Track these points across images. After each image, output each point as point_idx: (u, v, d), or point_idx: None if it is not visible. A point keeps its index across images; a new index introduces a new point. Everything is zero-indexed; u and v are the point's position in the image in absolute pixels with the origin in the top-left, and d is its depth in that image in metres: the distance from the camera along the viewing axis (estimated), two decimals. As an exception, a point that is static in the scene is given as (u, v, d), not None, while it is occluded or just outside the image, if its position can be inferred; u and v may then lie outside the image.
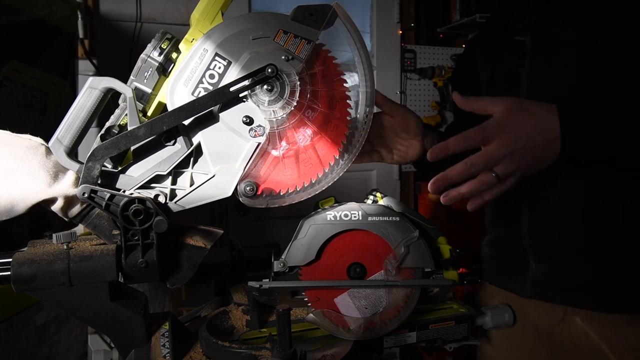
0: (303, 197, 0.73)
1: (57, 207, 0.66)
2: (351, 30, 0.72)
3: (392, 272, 0.73)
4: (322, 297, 0.74)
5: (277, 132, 0.71)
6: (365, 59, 0.73)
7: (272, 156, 0.72)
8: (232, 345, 0.71)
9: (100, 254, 0.64)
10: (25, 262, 0.62)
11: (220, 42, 0.67)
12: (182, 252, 0.70)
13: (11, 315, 1.55)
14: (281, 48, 0.68)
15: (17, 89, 1.62)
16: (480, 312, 0.89)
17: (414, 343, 0.79)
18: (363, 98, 0.75)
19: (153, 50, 0.69)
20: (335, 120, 0.73)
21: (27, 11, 1.70)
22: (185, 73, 0.67)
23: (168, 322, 0.72)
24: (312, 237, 0.72)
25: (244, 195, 0.70)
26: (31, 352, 1.67)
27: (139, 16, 2.46)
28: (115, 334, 0.68)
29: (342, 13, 0.70)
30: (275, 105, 0.69)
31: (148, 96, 0.71)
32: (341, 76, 0.73)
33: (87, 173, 0.64)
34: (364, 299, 0.75)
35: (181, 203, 0.69)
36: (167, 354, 0.69)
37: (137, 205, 0.63)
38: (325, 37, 0.71)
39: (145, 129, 0.65)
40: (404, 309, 0.75)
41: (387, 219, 0.74)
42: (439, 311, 0.83)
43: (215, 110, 0.68)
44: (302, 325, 0.78)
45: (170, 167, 0.68)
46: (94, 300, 0.65)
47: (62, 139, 0.66)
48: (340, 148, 0.73)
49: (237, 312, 0.81)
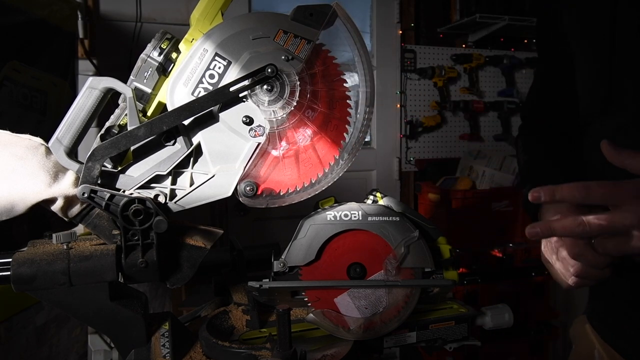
0: (303, 197, 0.73)
1: (57, 207, 0.66)
2: (351, 30, 0.72)
3: (392, 272, 0.73)
4: (322, 297, 0.74)
5: (277, 132, 0.71)
6: (365, 59, 0.73)
7: (272, 156, 0.72)
8: (232, 345, 0.71)
9: (100, 254, 0.64)
10: (25, 262, 0.62)
11: (220, 42, 0.67)
12: (182, 252, 0.70)
13: (11, 315, 1.55)
14: (281, 48, 0.68)
15: (17, 89, 1.62)
16: (480, 312, 0.89)
17: (414, 343, 0.79)
18: (363, 98, 0.75)
19: (153, 50, 0.69)
20: (335, 120, 0.73)
21: (27, 11, 1.70)
22: (185, 73, 0.67)
23: (168, 322, 0.72)
24: (312, 237, 0.72)
25: (244, 195, 0.70)
26: (31, 352, 1.67)
27: (139, 16, 2.46)
28: (115, 334, 0.68)
29: (342, 13, 0.70)
30: (275, 105, 0.69)
31: (148, 96, 0.71)
32: (341, 76, 0.73)
33: (87, 173, 0.64)
34: (364, 299, 0.75)
35: (181, 203, 0.69)
36: (167, 354, 0.69)
37: (137, 205, 0.63)
38: (325, 37, 0.71)
39: (145, 129, 0.65)
40: (404, 309, 0.75)
41: (387, 219, 0.74)
42: (439, 311, 0.83)
43: (215, 110, 0.68)
44: (302, 325, 0.78)
45: (170, 167, 0.68)
46: (94, 300, 0.65)
47: (62, 139, 0.66)
48: (340, 148, 0.73)
49: (237, 312, 0.81)
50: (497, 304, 0.90)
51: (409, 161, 3.08)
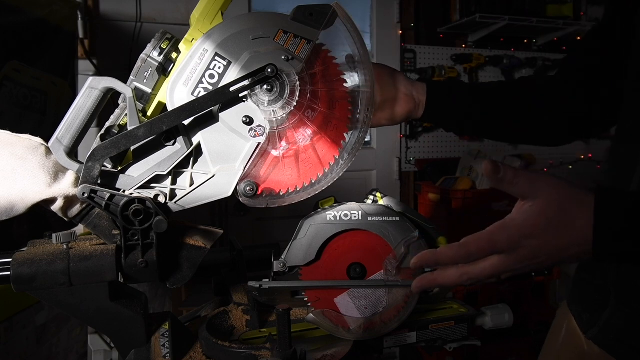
0: (303, 197, 0.73)
1: (57, 207, 0.66)
2: (351, 30, 0.72)
3: (392, 272, 0.73)
4: (322, 297, 0.74)
5: (277, 132, 0.71)
6: (366, 59, 0.73)
7: (272, 156, 0.72)
8: (232, 345, 0.71)
9: (100, 254, 0.64)
10: (25, 262, 0.62)
11: (220, 42, 0.67)
12: (182, 252, 0.70)
13: (11, 315, 1.55)
14: (281, 48, 0.68)
15: (17, 89, 1.62)
16: (480, 312, 0.89)
17: (414, 343, 0.79)
18: (363, 98, 0.75)
19: (153, 50, 0.69)
20: (335, 120, 0.73)
21: (27, 11, 1.70)
22: (185, 73, 0.67)
23: (168, 322, 0.72)
24: (312, 237, 0.72)
25: (244, 195, 0.70)
26: (31, 352, 1.68)
27: (139, 16, 2.46)
28: (115, 334, 0.68)
29: (342, 13, 0.70)
30: (275, 105, 0.69)
31: (148, 96, 0.71)
32: (341, 76, 0.73)
33: (87, 173, 0.64)
34: (364, 299, 0.75)
35: (181, 203, 0.69)
36: (167, 354, 0.69)
37: (137, 205, 0.63)
38: (325, 37, 0.71)
39: (145, 129, 0.65)
40: (404, 309, 0.75)
41: (387, 219, 0.74)
42: (439, 311, 0.83)
43: (215, 110, 0.68)
44: (302, 325, 0.78)
45: (170, 167, 0.68)
46: (94, 300, 0.65)
47: (62, 139, 0.66)
48: (340, 148, 0.73)
49: (237, 312, 0.81)
50: (497, 304, 0.90)
51: (409, 161, 3.08)
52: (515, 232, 0.59)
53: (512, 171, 0.59)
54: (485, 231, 0.60)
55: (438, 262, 0.63)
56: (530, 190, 0.59)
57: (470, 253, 0.60)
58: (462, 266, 0.62)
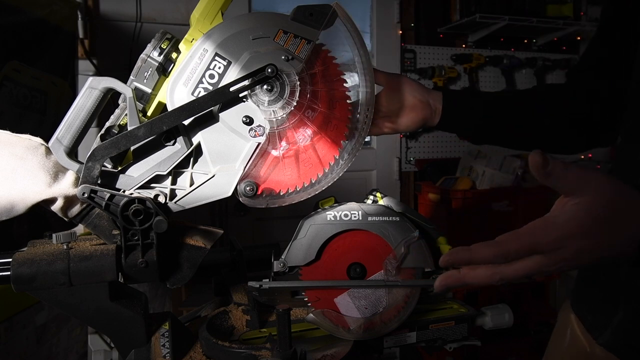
0: (303, 197, 0.73)
1: (57, 207, 0.66)
2: (351, 30, 0.72)
3: (392, 272, 0.73)
4: (322, 297, 0.74)
5: (277, 132, 0.71)
6: (365, 59, 0.73)
7: (272, 156, 0.72)
8: (232, 345, 0.71)
9: (100, 254, 0.64)
10: (25, 262, 0.62)
11: (220, 42, 0.67)
12: (182, 252, 0.70)
13: (11, 315, 1.55)
14: (281, 48, 0.68)
15: (17, 89, 1.62)
16: (480, 312, 0.89)
17: (414, 343, 0.79)
18: (363, 98, 0.75)
19: (153, 50, 0.69)
20: (335, 120, 0.73)
21: (27, 11, 1.70)
22: (185, 73, 0.67)
23: (168, 322, 0.72)
24: (312, 237, 0.72)
25: (244, 195, 0.70)
26: (31, 352, 1.68)
27: (139, 16, 2.46)
28: (115, 334, 0.68)
29: (342, 13, 0.70)
30: (275, 105, 0.69)
31: (148, 96, 0.71)
32: (341, 76, 0.73)
33: (87, 173, 0.64)
34: (364, 299, 0.75)
35: (181, 203, 0.69)
36: (167, 354, 0.69)
37: (137, 205, 0.63)
38: (325, 37, 0.71)
39: (145, 129, 0.65)
40: (404, 309, 0.75)
41: (387, 219, 0.74)
42: (439, 311, 0.83)
43: (215, 110, 0.68)
44: (302, 325, 0.78)
45: (170, 167, 0.68)
46: (94, 300, 0.65)
47: (62, 139, 0.66)
48: (340, 148, 0.73)
49: (237, 312, 0.81)
50: (497, 304, 0.90)
51: (409, 161, 3.08)
52: (559, 232, 0.55)
53: (562, 165, 0.54)
54: (524, 230, 0.56)
55: (471, 261, 0.58)
56: (578, 186, 0.55)
57: (509, 253, 0.56)
58: (494, 265, 0.58)
